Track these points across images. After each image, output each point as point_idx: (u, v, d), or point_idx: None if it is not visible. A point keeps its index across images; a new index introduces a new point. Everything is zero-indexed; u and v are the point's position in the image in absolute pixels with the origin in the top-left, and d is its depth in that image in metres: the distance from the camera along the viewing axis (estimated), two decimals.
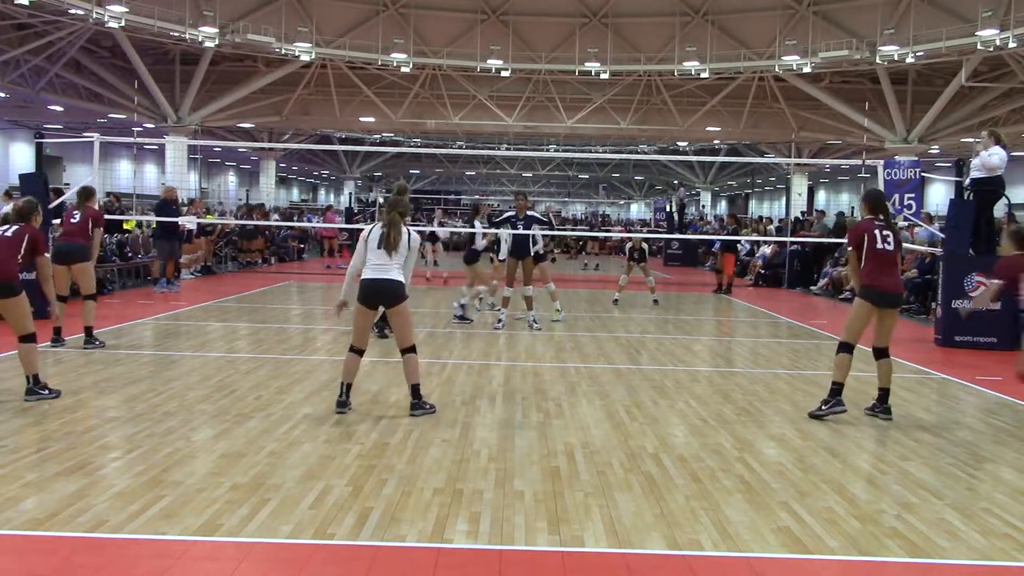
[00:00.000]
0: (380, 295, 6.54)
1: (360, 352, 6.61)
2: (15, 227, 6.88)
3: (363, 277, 6.59)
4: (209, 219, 22.13)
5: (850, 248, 6.98)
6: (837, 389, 6.86)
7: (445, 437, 5.98)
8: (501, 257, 12.54)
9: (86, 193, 9.90)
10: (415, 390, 6.65)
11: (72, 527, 4.13)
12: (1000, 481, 5.38)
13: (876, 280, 6.80)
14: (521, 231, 11.65)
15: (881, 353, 6.89)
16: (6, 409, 6.37)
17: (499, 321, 11.65)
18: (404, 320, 6.60)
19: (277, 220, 29.34)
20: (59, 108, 35.59)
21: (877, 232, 6.82)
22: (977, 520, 4.62)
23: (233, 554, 3.93)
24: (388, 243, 6.53)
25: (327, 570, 3.85)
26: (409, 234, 6.69)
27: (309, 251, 29.43)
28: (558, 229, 31.11)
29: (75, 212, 9.60)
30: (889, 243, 6.84)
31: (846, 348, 6.86)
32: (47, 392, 6.73)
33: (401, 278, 6.57)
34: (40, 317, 11.05)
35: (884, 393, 6.96)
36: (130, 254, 16.89)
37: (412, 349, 6.63)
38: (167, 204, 16.04)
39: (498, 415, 6.72)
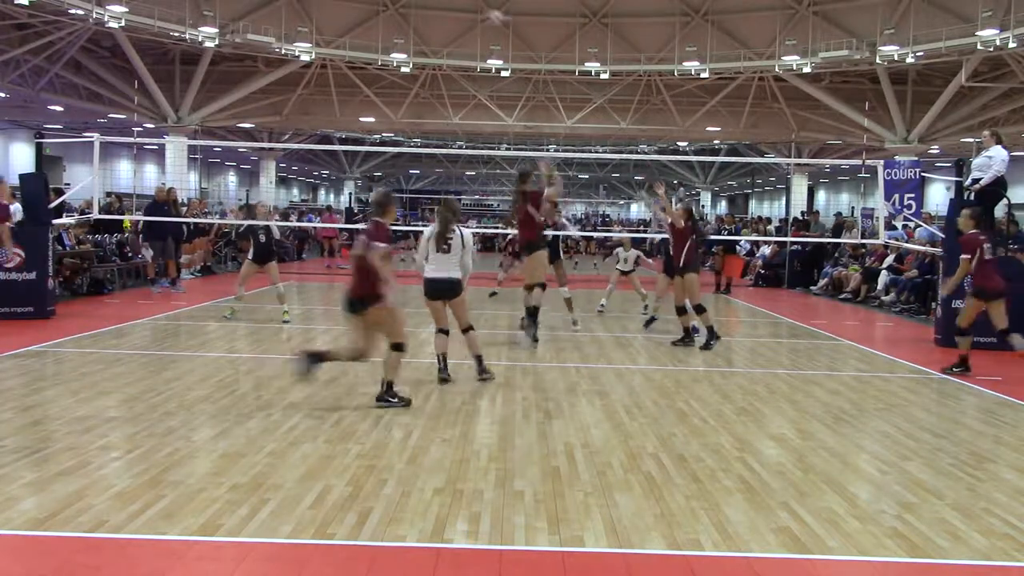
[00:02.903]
0: (442, 292, 7.68)
1: (444, 331, 7.76)
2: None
3: (425, 276, 7.70)
4: (210, 220, 22.10)
5: (965, 256, 9.18)
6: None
7: (445, 437, 5.98)
8: (622, 268, 13.52)
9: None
10: (479, 360, 7.88)
11: (72, 527, 4.13)
12: (1000, 481, 5.38)
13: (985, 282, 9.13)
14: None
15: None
16: (6, 409, 6.37)
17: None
18: (463, 308, 7.81)
19: (277, 220, 29.29)
20: (59, 108, 35.54)
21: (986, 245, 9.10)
22: (977, 520, 4.62)
23: (233, 554, 3.93)
24: (441, 245, 7.61)
25: (327, 570, 3.85)
26: (462, 234, 7.75)
27: (309, 251, 29.42)
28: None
29: None
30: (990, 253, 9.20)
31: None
32: (396, 401, 6.79)
33: (459, 275, 7.67)
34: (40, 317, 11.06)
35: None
36: (130, 254, 16.89)
37: (472, 328, 7.93)
38: (158, 205, 16.00)
39: (498, 415, 6.72)
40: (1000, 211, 12.51)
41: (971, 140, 28.15)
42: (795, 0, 31.16)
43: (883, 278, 16.65)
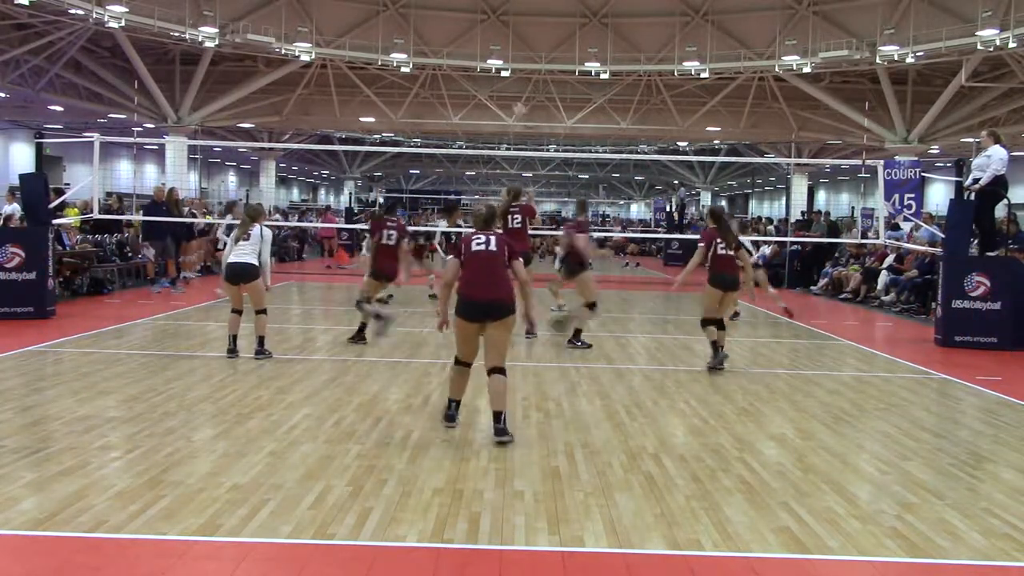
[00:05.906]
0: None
1: (238, 312, 8.20)
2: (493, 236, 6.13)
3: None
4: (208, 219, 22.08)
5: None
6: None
7: (445, 437, 5.98)
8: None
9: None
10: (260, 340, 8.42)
11: (72, 527, 4.13)
12: (1000, 481, 5.38)
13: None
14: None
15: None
16: (6, 409, 6.37)
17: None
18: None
19: (278, 220, 29.33)
20: (59, 108, 35.52)
21: None
22: (977, 520, 4.62)
23: (233, 554, 3.93)
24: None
25: (327, 570, 3.85)
26: (261, 231, 8.83)
27: (309, 252, 29.43)
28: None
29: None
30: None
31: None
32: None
33: (254, 261, 8.73)
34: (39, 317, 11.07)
35: None
36: (130, 254, 16.89)
37: (264, 311, 8.86)
38: (156, 204, 16.01)
39: None
40: (1000, 211, 12.51)
41: (971, 140, 28.11)
42: (795, 0, 31.15)
43: (883, 278, 16.65)
